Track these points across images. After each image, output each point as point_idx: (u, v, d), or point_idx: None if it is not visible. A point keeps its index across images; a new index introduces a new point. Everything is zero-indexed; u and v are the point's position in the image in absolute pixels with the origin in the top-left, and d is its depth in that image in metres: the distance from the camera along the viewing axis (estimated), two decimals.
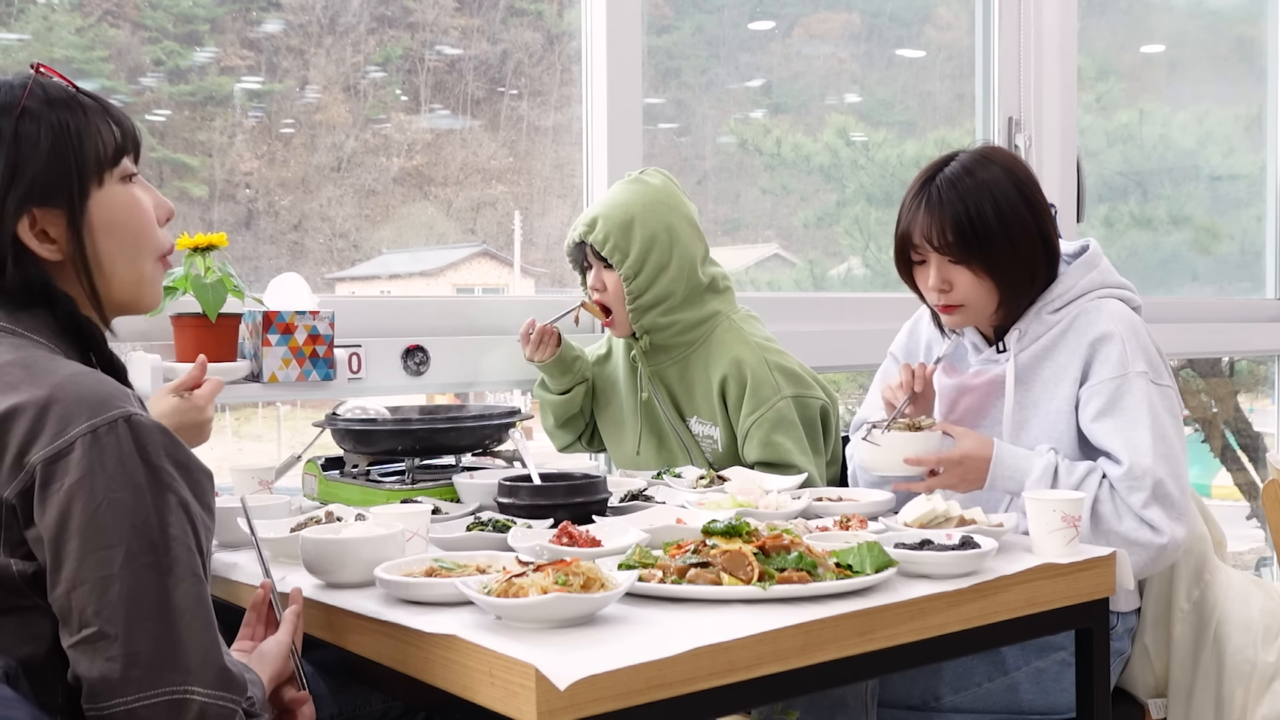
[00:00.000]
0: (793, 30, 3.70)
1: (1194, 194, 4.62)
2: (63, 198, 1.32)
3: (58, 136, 1.32)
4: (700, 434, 2.52)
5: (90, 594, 1.20)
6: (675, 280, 2.44)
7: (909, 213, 2.10)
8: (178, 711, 1.21)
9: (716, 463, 2.49)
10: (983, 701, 2.04)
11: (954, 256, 2.06)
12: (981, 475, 2.01)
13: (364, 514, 1.77)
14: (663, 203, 2.46)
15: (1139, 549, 1.94)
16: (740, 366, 2.42)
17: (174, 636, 1.22)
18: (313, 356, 2.41)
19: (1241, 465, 5.01)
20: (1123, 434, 1.99)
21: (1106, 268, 2.16)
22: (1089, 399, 2.04)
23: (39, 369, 1.26)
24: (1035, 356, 2.12)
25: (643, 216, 2.42)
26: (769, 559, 1.52)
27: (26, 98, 1.32)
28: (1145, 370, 2.02)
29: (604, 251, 2.42)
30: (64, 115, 1.33)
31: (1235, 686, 2.07)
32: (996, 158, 2.11)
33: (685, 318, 2.47)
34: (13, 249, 1.31)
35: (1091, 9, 4.22)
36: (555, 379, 2.63)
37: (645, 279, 2.42)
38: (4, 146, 1.30)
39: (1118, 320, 2.06)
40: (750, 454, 2.42)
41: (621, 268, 2.41)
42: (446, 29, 3.01)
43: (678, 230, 2.45)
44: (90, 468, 1.20)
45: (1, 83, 1.33)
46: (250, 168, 2.79)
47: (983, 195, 2.05)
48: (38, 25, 2.51)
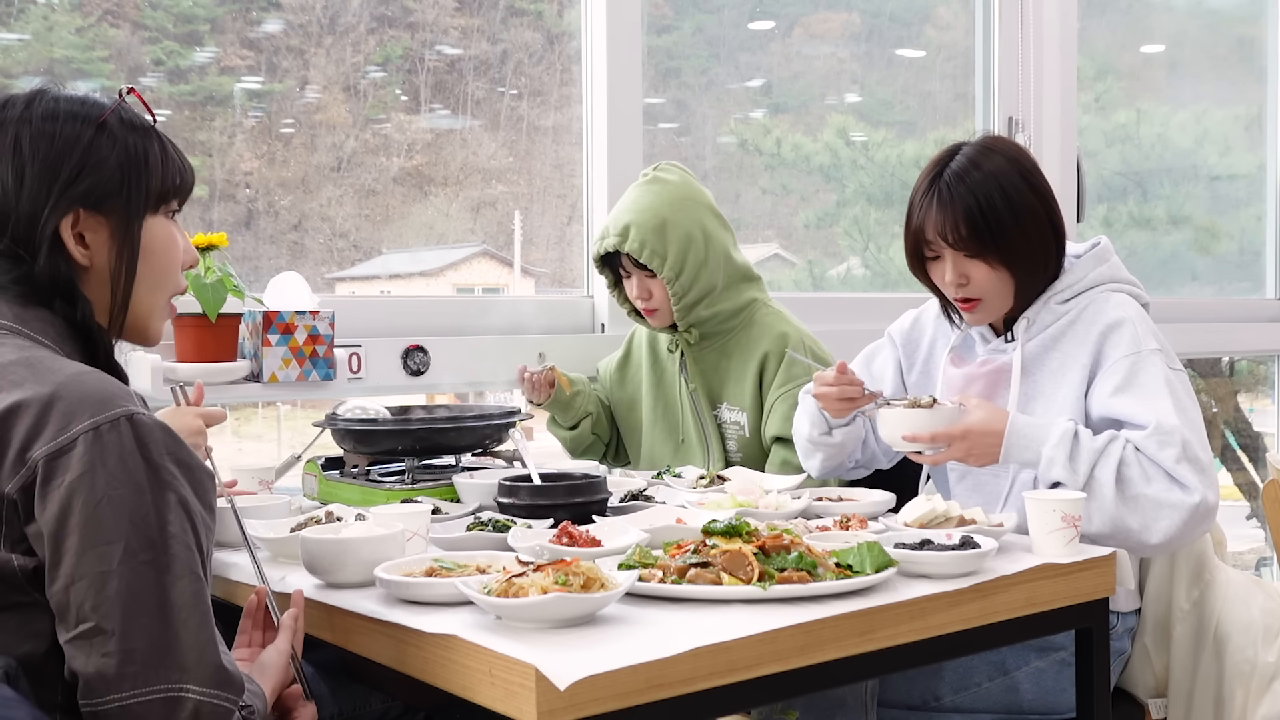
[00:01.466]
0: (793, 30, 3.70)
1: (1193, 194, 4.62)
2: (116, 209, 1.38)
3: (128, 155, 1.39)
4: (728, 421, 2.55)
5: (88, 589, 1.20)
6: (715, 273, 2.47)
7: (920, 209, 2.10)
8: (173, 709, 1.21)
9: (741, 449, 2.52)
10: (983, 701, 2.04)
11: (969, 250, 2.06)
12: (994, 448, 1.96)
13: (364, 514, 1.77)
14: (688, 198, 2.48)
15: (1169, 511, 1.86)
16: (784, 340, 2.48)
17: (170, 633, 1.22)
18: (313, 356, 2.41)
19: (1241, 465, 5.01)
20: (1145, 403, 1.95)
21: (1116, 263, 2.17)
22: (1105, 379, 2.02)
23: (43, 368, 1.27)
24: (1043, 346, 2.12)
25: (674, 217, 2.43)
26: (769, 559, 1.52)
27: (110, 114, 1.39)
28: (1159, 349, 2.01)
29: (642, 258, 2.42)
30: (138, 140, 1.40)
31: (1235, 686, 2.07)
32: (1000, 147, 2.12)
33: (727, 306, 2.51)
34: (51, 240, 1.35)
35: (1091, 9, 4.22)
36: (560, 415, 2.66)
37: (688, 278, 2.44)
38: (77, 150, 1.36)
39: (1126, 307, 2.07)
40: (772, 427, 2.46)
41: (663, 270, 2.42)
42: (446, 29, 3.01)
43: (706, 224, 2.48)
44: (91, 464, 1.21)
45: (91, 97, 1.41)
46: (250, 168, 2.79)
47: (991, 186, 2.05)
48: (38, 25, 2.51)
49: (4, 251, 1.35)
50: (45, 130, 1.35)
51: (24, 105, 1.37)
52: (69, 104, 1.38)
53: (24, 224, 1.34)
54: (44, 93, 1.39)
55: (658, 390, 2.64)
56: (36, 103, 1.37)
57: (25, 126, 1.35)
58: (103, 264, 1.38)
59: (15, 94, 1.39)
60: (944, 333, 2.29)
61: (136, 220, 1.40)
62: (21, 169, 1.34)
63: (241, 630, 1.55)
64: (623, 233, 2.44)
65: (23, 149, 1.34)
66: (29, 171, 1.34)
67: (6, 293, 1.36)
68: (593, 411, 2.69)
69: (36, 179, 1.34)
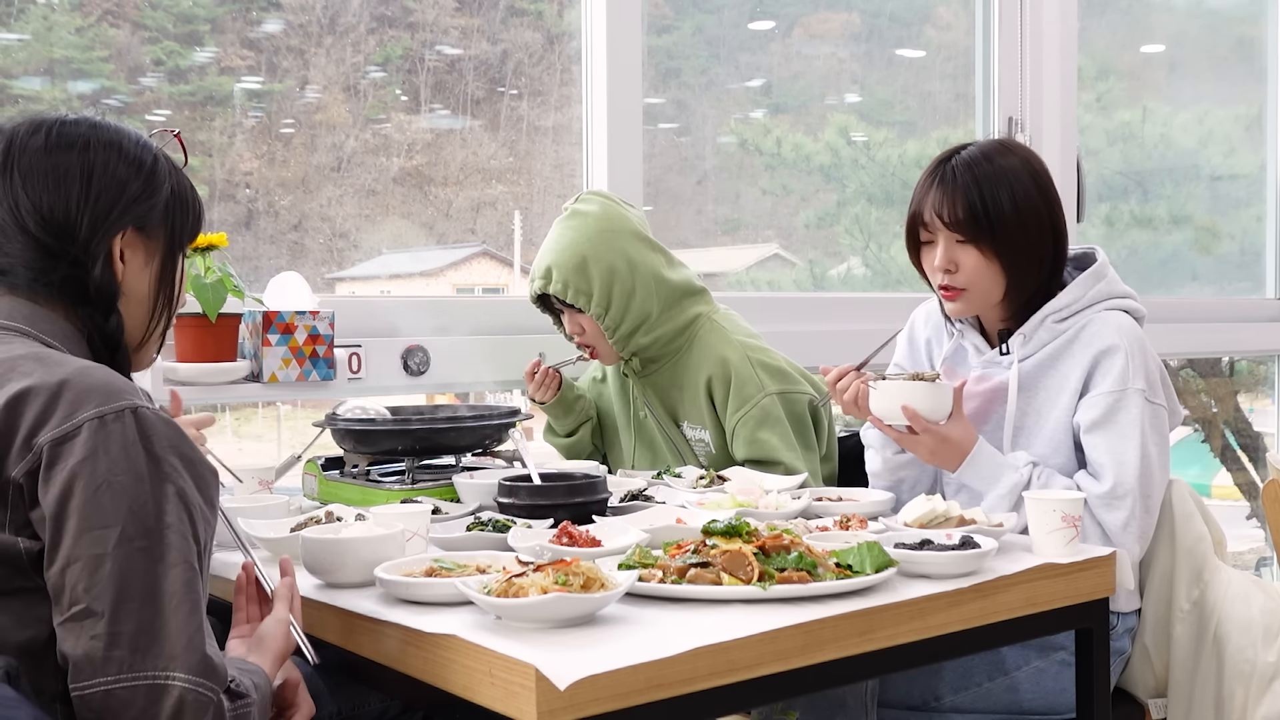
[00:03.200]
0: (793, 30, 3.70)
1: (1194, 194, 4.62)
2: (159, 237, 1.47)
3: (174, 192, 1.49)
4: (693, 438, 2.52)
5: (82, 571, 1.22)
6: (646, 300, 2.42)
7: (921, 191, 2.11)
8: (157, 697, 1.21)
9: (712, 466, 2.49)
10: (983, 701, 2.04)
11: (963, 235, 2.06)
12: (955, 463, 2.05)
13: (364, 514, 1.77)
14: (608, 230, 2.42)
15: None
16: (724, 365, 2.41)
17: (159, 621, 1.23)
18: (313, 356, 2.41)
19: (1241, 465, 5.01)
20: (1113, 451, 2.01)
21: (1113, 278, 2.16)
22: (1085, 409, 2.06)
23: (52, 361, 1.31)
24: (1039, 365, 2.12)
25: (594, 252, 2.38)
26: (769, 559, 1.52)
27: (159, 151, 1.50)
28: (1143, 388, 2.03)
29: (567, 298, 2.39)
30: (182, 179, 1.52)
31: (1235, 686, 2.07)
32: (1015, 149, 2.12)
33: (667, 329, 2.45)
34: (106, 253, 1.42)
35: (1091, 9, 4.22)
36: (559, 420, 2.64)
37: (618, 311, 2.40)
38: (142, 174, 1.45)
39: (1123, 334, 2.07)
40: (738, 452, 2.42)
41: (590, 308, 2.39)
42: (446, 29, 3.01)
43: (630, 252, 2.41)
44: (94, 450, 1.24)
45: (142, 135, 1.50)
46: (250, 168, 2.79)
47: (999, 180, 2.06)
48: (38, 25, 2.51)
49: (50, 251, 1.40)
50: (111, 159, 1.43)
51: (88, 131, 1.44)
52: (129, 138, 1.47)
53: (86, 232, 1.40)
54: (102, 123, 1.47)
55: (627, 409, 2.62)
56: (99, 130, 1.45)
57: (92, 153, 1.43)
58: (136, 285, 1.46)
59: (69, 116, 1.47)
60: (937, 338, 2.29)
61: (180, 252, 1.51)
62: (88, 186, 1.41)
63: (237, 608, 1.55)
64: (545, 275, 2.41)
65: (90, 169, 1.42)
66: (94, 189, 1.41)
67: (21, 296, 1.40)
68: (592, 416, 2.67)
69: (101, 197, 1.41)
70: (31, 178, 1.40)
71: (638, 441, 2.59)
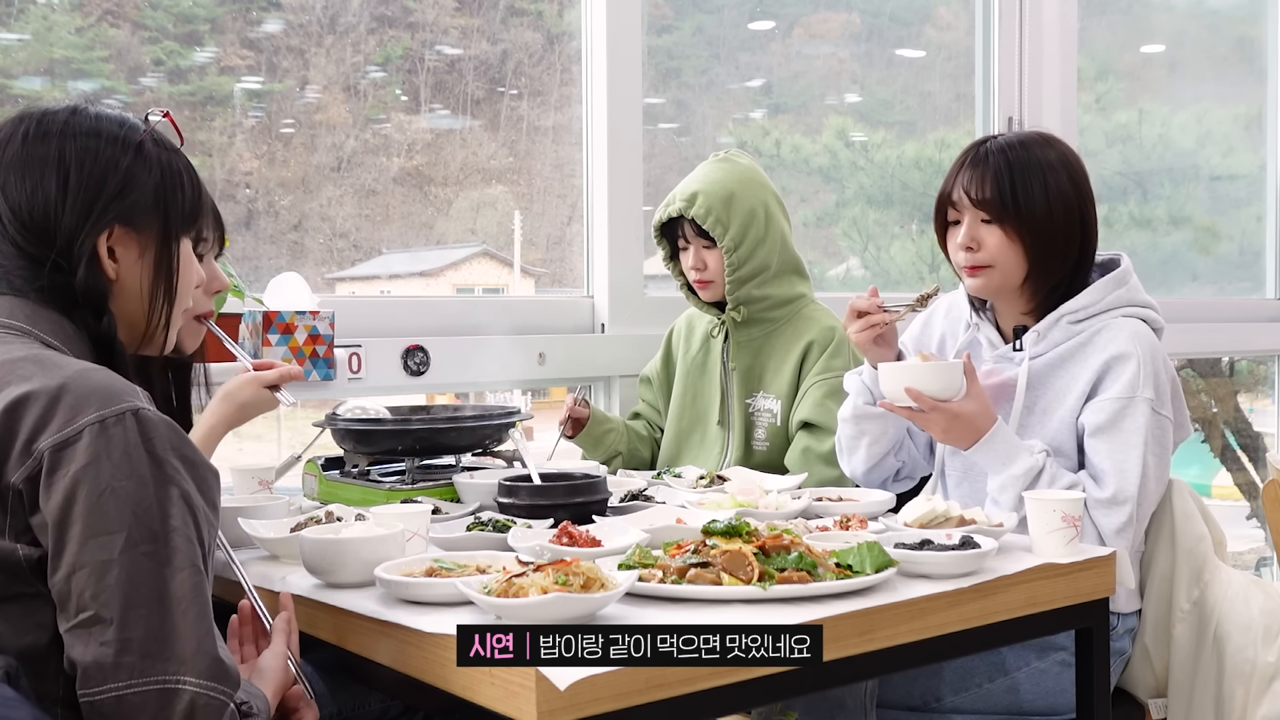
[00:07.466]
0: (793, 30, 3.70)
1: (1194, 194, 4.62)
2: (151, 227, 1.42)
3: (164, 176, 1.44)
4: (761, 408, 2.56)
5: (89, 578, 1.21)
6: (770, 254, 2.52)
7: (953, 172, 2.12)
8: (168, 701, 1.21)
9: (769, 438, 2.53)
10: (983, 702, 2.04)
11: (988, 214, 2.07)
12: (969, 441, 2.03)
13: (364, 514, 1.77)
14: (756, 179, 2.55)
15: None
16: (831, 333, 2.52)
17: (169, 625, 1.22)
18: (313, 356, 2.41)
19: (1241, 465, 5.01)
20: (1115, 457, 2.02)
21: (1135, 285, 2.15)
22: (1091, 412, 2.06)
23: (52, 364, 1.29)
24: (1050, 365, 2.11)
25: (741, 192, 2.50)
26: (769, 559, 1.52)
27: (146, 134, 1.44)
28: (1151, 398, 2.02)
29: (706, 224, 2.47)
30: (173, 160, 1.46)
31: (1235, 686, 2.07)
32: (1055, 143, 2.14)
33: (776, 293, 2.55)
34: (90, 254, 1.38)
35: (1091, 9, 4.22)
36: (589, 452, 2.66)
37: (745, 251, 2.49)
38: (121, 168, 1.40)
39: (1138, 341, 2.06)
40: (801, 411, 2.47)
41: (723, 239, 2.47)
42: (446, 29, 3.01)
43: (770, 205, 2.54)
44: (96, 455, 1.22)
45: (128, 118, 1.46)
46: (250, 168, 2.79)
47: (1031, 167, 2.07)
48: (38, 25, 2.51)
49: (33, 257, 1.37)
50: (89, 146, 1.39)
51: (65, 119, 1.40)
52: (109, 123, 1.42)
53: (65, 236, 1.37)
54: (82, 109, 1.42)
55: (689, 376, 2.65)
56: (77, 117, 1.41)
57: (70, 141, 1.39)
58: (131, 279, 1.42)
59: (52, 107, 1.43)
60: (953, 332, 2.29)
61: (175, 239, 1.45)
62: (65, 182, 1.37)
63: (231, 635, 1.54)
64: (690, 199, 2.49)
65: (67, 163, 1.38)
66: (73, 185, 1.37)
67: (21, 296, 1.38)
68: (622, 451, 2.68)
69: (80, 194, 1.38)
70: (11, 176, 1.38)
71: (691, 409, 2.63)
